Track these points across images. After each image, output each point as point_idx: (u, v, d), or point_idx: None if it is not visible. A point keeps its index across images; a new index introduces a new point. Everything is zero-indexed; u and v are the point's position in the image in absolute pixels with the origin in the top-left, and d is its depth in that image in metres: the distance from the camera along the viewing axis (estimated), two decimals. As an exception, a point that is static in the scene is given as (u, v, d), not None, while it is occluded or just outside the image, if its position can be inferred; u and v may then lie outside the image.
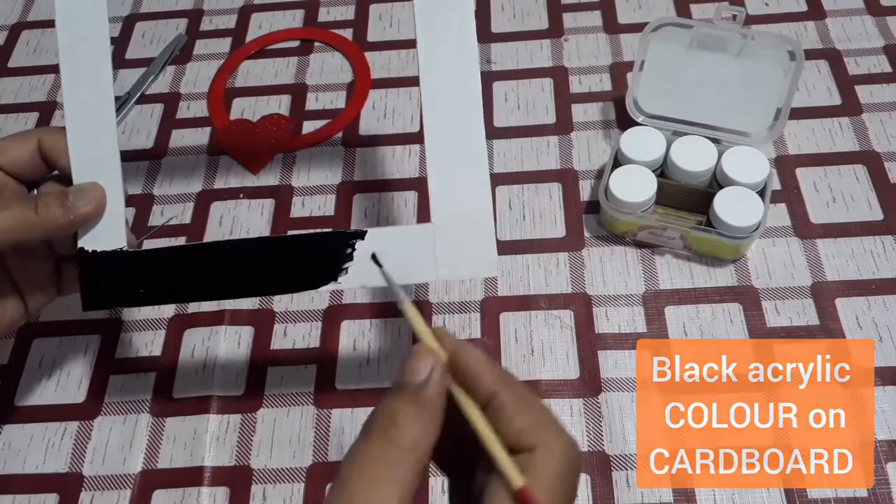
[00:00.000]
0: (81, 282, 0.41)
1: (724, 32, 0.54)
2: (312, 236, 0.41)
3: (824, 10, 0.66)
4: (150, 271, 0.40)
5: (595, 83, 0.64)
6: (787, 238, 0.54)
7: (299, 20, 0.71)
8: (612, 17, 0.67)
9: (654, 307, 0.52)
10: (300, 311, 0.54)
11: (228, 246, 0.41)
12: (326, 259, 0.40)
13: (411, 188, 0.59)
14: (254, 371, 0.52)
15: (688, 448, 0.46)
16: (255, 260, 0.40)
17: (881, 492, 0.44)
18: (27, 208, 0.38)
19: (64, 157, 0.41)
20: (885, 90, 0.60)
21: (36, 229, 0.38)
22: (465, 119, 0.40)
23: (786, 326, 0.50)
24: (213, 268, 0.40)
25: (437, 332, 0.31)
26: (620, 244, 0.55)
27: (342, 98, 0.65)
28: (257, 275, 0.40)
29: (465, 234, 0.39)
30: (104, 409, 0.51)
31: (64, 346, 0.54)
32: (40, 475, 0.49)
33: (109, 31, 0.42)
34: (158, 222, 0.59)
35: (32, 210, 0.38)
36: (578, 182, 0.58)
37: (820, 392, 0.48)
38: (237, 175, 0.62)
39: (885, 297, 0.51)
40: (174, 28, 0.72)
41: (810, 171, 0.57)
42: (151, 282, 0.40)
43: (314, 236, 0.41)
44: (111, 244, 0.41)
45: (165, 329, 0.54)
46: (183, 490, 0.48)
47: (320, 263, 0.40)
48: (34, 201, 0.39)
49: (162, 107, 0.66)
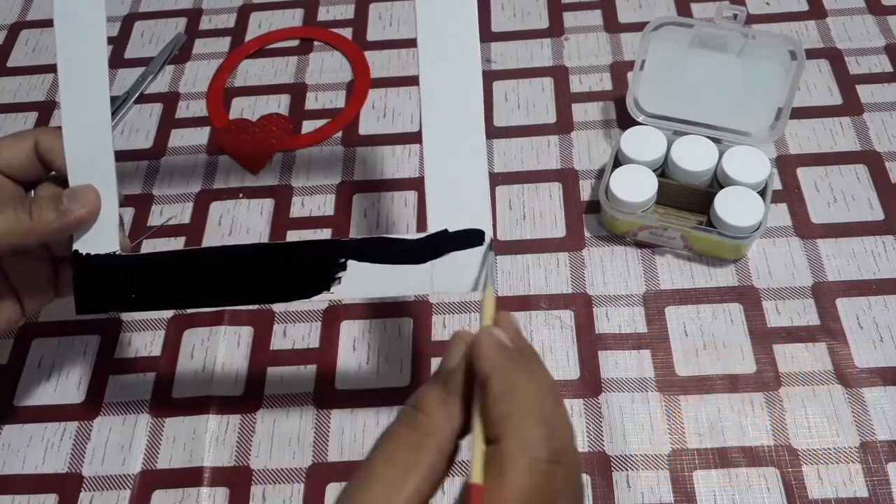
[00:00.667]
0: (75, 285, 0.40)
1: (724, 32, 0.53)
2: (307, 244, 0.40)
3: (825, 10, 0.66)
4: (143, 276, 0.40)
5: (595, 82, 0.63)
6: (788, 238, 0.54)
7: (299, 19, 0.71)
8: (613, 17, 0.67)
9: (655, 307, 0.52)
10: (300, 312, 0.54)
11: (223, 252, 0.40)
12: (320, 268, 0.39)
13: (411, 188, 0.59)
14: (253, 371, 0.52)
15: (688, 448, 0.46)
16: (249, 267, 0.40)
17: (881, 492, 0.44)
18: (21, 212, 0.38)
19: (60, 158, 0.41)
20: (886, 90, 0.60)
21: (30, 234, 0.38)
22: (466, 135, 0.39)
23: (786, 326, 0.50)
24: (207, 274, 0.40)
25: (499, 315, 0.31)
26: (621, 244, 0.55)
27: (342, 98, 0.65)
28: (251, 282, 0.40)
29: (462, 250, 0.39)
30: (103, 410, 0.51)
31: (63, 346, 0.54)
32: (39, 475, 0.49)
33: (108, 31, 0.42)
34: (158, 222, 0.59)
35: (27, 214, 0.38)
36: (579, 182, 0.58)
37: (820, 392, 0.48)
38: (236, 175, 0.61)
39: (885, 297, 0.51)
40: (173, 27, 0.72)
41: (811, 171, 0.57)
42: (144, 287, 0.40)
43: (309, 244, 0.40)
44: (104, 247, 0.40)
45: (165, 329, 0.54)
46: (182, 490, 0.48)
47: (314, 272, 0.39)
48: (28, 205, 0.38)
49: (161, 106, 0.66)
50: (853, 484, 0.45)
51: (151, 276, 0.40)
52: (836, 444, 0.46)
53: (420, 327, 0.52)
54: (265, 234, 0.58)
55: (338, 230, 0.57)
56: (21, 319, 0.43)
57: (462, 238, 0.39)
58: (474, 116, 0.39)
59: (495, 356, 0.28)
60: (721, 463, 0.46)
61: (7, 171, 0.41)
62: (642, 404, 0.48)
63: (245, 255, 0.40)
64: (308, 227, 0.58)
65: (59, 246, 0.43)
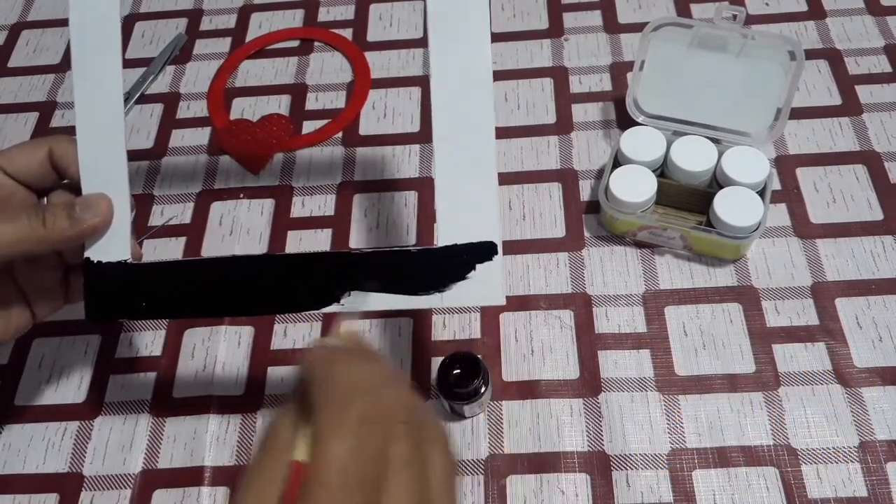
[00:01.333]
0: (86, 292, 0.41)
1: (724, 32, 0.54)
2: (317, 256, 0.40)
3: (824, 10, 0.66)
4: (153, 285, 0.40)
5: (595, 83, 0.64)
6: (787, 238, 0.54)
7: (299, 20, 0.71)
8: (613, 17, 0.67)
9: (654, 307, 0.52)
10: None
11: (233, 263, 0.41)
12: (330, 282, 0.39)
13: (411, 188, 0.59)
14: (254, 371, 0.52)
15: (687, 447, 0.47)
16: (258, 279, 0.40)
17: (880, 492, 0.44)
18: (35, 220, 0.38)
19: (74, 165, 0.41)
20: (885, 90, 0.60)
21: (43, 242, 0.38)
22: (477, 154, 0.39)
23: (786, 326, 0.50)
24: (217, 284, 0.40)
25: (342, 330, 0.35)
26: (620, 244, 0.55)
27: (342, 98, 0.65)
28: (260, 294, 0.40)
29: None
30: (104, 409, 0.51)
31: (64, 346, 0.54)
32: (40, 475, 0.49)
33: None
34: (158, 222, 0.59)
35: (40, 222, 0.38)
36: (578, 182, 0.58)
37: (819, 392, 0.48)
38: (237, 175, 0.62)
39: (884, 297, 0.51)
40: (174, 28, 0.72)
41: (810, 171, 0.57)
42: (154, 296, 0.40)
43: (319, 257, 0.40)
44: (115, 255, 0.41)
45: (165, 329, 0.54)
46: (183, 490, 0.48)
47: (324, 286, 0.40)
48: (41, 213, 0.38)
49: (162, 107, 0.66)
50: (852, 483, 0.45)
51: (161, 285, 0.40)
52: (836, 443, 0.46)
53: (420, 327, 0.53)
54: (266, 235, 0.58)
55: (338, 230, 0.57)
56: (30, 325, 0.43)
57: (473, 252, 0.39)
58: (486, 130, 0.39)
59: (314, 357, 0.31)
60: (720, 462, 0.46)
61: (21, 178, 0.41)
62: (642, 404, 0.48)
63: (255, 266, 0.40)
64: (308, 227, 0.58)
65: (70, 253, 0.43)
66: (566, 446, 0.47)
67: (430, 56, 0.40)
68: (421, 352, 0.51)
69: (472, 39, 0.40)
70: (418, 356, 0.51)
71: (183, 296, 0.40)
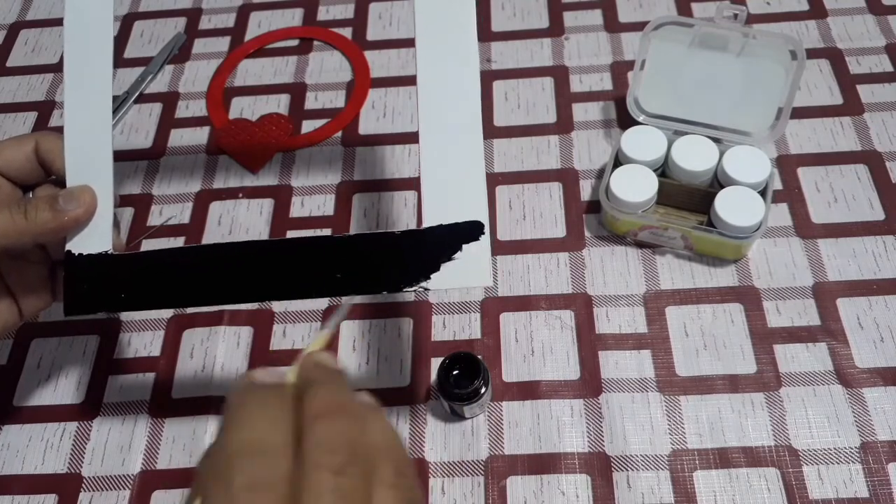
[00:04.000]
0: (65, 285, 0.40)
1: (725, 31, 0.53)
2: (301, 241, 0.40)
3: (826, 9, 0.66)
4: (134, 276, 0.40)
5: (596, 82, 0.63)
6: (789, 238, 0.54)
7: (298, 19, 0.71)
8: (613, 16, 0.67)
9: (655, 307, 0.52)
10: (299, 312, 0.54)
11: (213, 250, 0.40)
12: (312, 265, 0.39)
13: (411, 188, 0.59)
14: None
15: (688, 448, 0.46)
16: (239, 266, 0.39)
17: (882, 492, 0.44)
18: (17, 213, 0.38)
19: (60, 160, 0.41)
20: (886, 89, 0.60)
21: (25, 234, 0.38)
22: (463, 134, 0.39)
23: (787, 327, 0.50)
24: (199, 272, 0.40)
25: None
26: (621, 244, 0.55)
27: (341, 97, 0.65)
28: (241, 281, 0.39)
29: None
30: (103, 410, 0.51)
31: (63, 346, 0.54)
32: (39, 476, 0.49)
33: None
34: (157, 222, 0.59)
35: (22, 214, 0.38)
36: (579, 182, 0.58)
37: (821, 392, 0.48)
38: (236, 175, 0.61)
39: (886, 297, 0.51)
40: (173, 27, 0.72)
41: (812, 171, 0.57)
42: (135, 286, 0.40)
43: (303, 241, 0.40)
44: (97, 247, 0.40)
45: (164, 330, 0.54)
46: (182, 491, 0.48)
47: (306, 269, 0.39)
48: (24, 205, 0.38)
49: (161, 106, 0.66)
50: (854, 484, 0.44)
51: (142, 276, 0.40)
52: (837, 444, 0.46)
53: (420, 327, 0.52)
54: (265, 234, 0.58)
55: (337, 230, 0.57)
56: (19, 322, 0.43)
57: (460, 232, 0.38)
58: (472, 108, 0.39)
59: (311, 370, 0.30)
60: (721, 463, 0.46)
61: (7, 173, 0.41)
62: (643, 404, 0.48)
63: (236, 253, 0.40)
64: (308, 226, 0.58)
65: (55, 249, 0.43)
66: (566, 447, 0.47)
67: (416, 27, 0.39)
68: (421, 352, 0.51)
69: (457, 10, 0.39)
70: (418, 356, 0.51)
71: (164, 285, 0.40)
